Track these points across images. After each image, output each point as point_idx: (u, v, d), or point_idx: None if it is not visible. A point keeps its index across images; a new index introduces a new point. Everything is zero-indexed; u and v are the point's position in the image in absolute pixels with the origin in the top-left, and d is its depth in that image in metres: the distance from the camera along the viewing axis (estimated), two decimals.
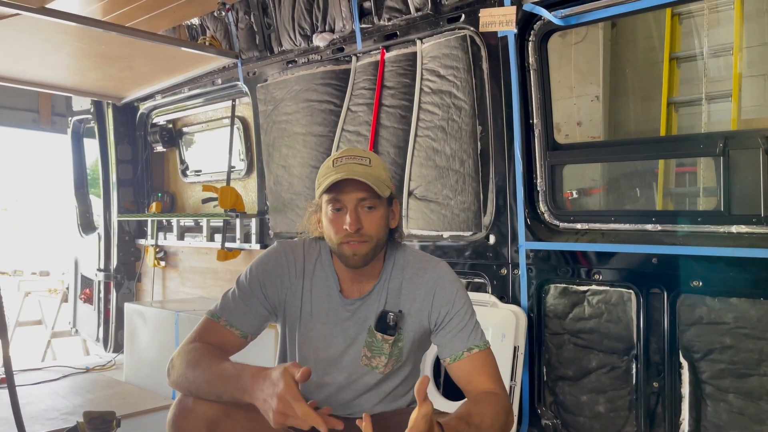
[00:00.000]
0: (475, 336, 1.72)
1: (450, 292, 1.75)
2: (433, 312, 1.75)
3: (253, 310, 1.74)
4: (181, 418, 1.59)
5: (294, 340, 1.82)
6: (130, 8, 3.60)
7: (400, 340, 1.76)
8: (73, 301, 5.93)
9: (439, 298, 1.75)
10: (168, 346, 3.83)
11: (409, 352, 1.80)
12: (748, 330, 2.24)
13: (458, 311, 1.74)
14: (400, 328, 1.75)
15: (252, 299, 1.74)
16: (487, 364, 1.71)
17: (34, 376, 4.33)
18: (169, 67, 4.27)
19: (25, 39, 3.47)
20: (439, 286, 1.76)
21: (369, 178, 1.63)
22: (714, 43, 3.83)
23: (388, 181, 1.71)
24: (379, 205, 1.68)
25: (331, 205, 1.66)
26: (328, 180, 1.64)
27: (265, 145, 4.00)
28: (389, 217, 1.74)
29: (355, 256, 1.66)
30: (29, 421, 3.24)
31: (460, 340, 1.71)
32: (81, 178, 5.88)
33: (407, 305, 1.76)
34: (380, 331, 1.75)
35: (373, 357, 1.76)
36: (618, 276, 2.56)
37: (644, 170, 3.93)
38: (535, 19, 2.71)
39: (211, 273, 4.86)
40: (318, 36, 3.56)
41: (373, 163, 1.69)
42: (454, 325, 1.73)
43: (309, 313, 1.78)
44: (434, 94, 3.09)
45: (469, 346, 1.70)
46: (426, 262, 1.80)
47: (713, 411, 2.33)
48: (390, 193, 1.71)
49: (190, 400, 1.59)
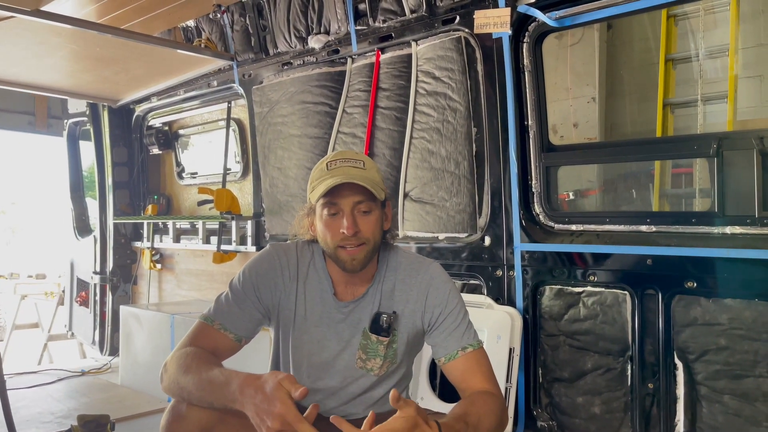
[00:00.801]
0: (469, 335, 1.73)
1: (443, 292, 1.76)
2: (426, 312, 1.76)
3: (247, 314, 1.73)
4: (174, 424, 1.58)
5: (287, 343, 1.81)
6: (125, 11, 3.61)
7: (395, 341, 1.76)
8: (69, 304, 5.92)
9: (432, 298, 1.75)
10: (163, 349, 3.82)
11: (403, 354, 1.80)
12: (743, 331, 2.23)
13: (451, 311, 1.74)
14: (395, 329, 1.75)
15: (245, 302, 1.73)
16: (482, 363, 1.71)
17: (30, 379, 4.32)
18: (165, 69, 4.26)
19: (20, 41, 3.46)
20: (432, 287, 1.76)
21: (366, 181, 1.62)
22: (710, 44, 3.84)
23: (381, 183, 1.72)
24: (375, 208, 1.68)
25: (326, 209, 1.65)
26: (324, 184, 1.62)
27: (261, 147, 4.00)
28: (383, 219, 1.74)
29: (354, 261, 1.66)
30: (24, 425, 3.23)
31: (455, 340, 1.72)
32: (77, 181, 5.87)
33: (401, 306, 1.77)
34: (375, 333, 1.74)
35: (368, 359, 1.76)
36: (613, 277, 2.56)
37: (641, 171, 3.94)
38: (530, 20, 2.71)
39: (207, 275, 4.86)
40: (313, 38, 3.56)
41: (367, 165, 1.69)
42: (448, 324, 1.73)
43: (303, 317, 1.77)
44: (429, 95, 3.09)
45: (463, 345, 1.71)
46: (419, 263, 1.81)
47: (708, 412, 2.33)
48: (384, 196, 1.72)
49: (184, 406, 1.58)
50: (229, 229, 4.34)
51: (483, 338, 2.74)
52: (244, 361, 1.83)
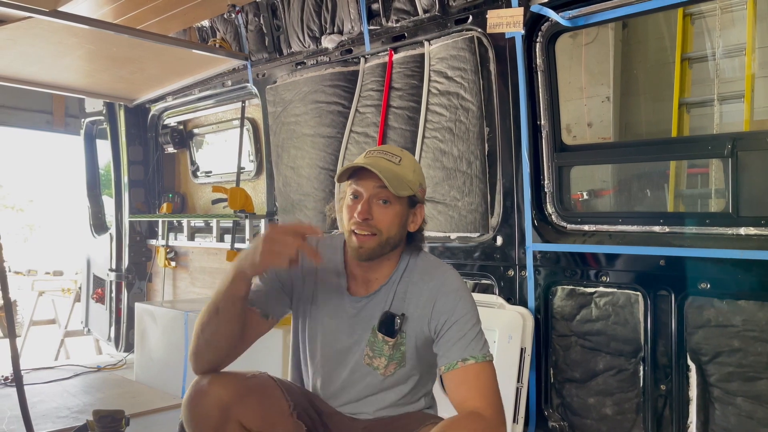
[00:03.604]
0: (475, 347, 1.64)
1: (451, 300, 1.70)
2: (432, 319, 1.72)
3: (272, 290, 1.81)
4: (196, 399, 1.67)
5: (304, 331, 1.87)
6: (141, 11, 3.64)
7: (403, 344, 1.76)
8: (86, 301, 5.98)
9: (440, 305, 1.71)
10: (177, 346, 3.85)
11: (412, 359, 1.78)
12: (756, 333, 2.21)
13: (458, 320, 1.68)
14: (403, 331, 1.75)
15: (270, 282, 1.82)
16: (481, 379, 1.61)
17: (47, 374, 4.37)
18: (180, 69, 4.30)
19: (37, 41, 3.51)
20: (441, 294, 1.72)
21: (387, 173, 1.65)
22: (726, 43, 3.80)
23: (413, 183, 1.72)
24: (396, 202, 1.69)
25: (351, 192, 1.71)
26: (349, 165, 1.70)
27: (274, 146, 4.02)
28: (407, 218, 1.75)
29: (361, 249, 1.69)
30: (41, 419, 3.28)
31: (457, 349, 1.64)
32: (94, 179, 5.94)
33: (411, 310, 1.75)
34: (381, 332, 1.75)
35: (375, 357, 1.77)
36: (625, 278, 2.55)
37: (656, 171, 3.90)
38: (543, 20, 2.71)
39: (220, 273, 4.89)
40: (327, 38, 3.57)
41: (403, 162, 1.72)
42: (453, 333, 1.67)
43: (318, 306, 1.83)
44: (442, 95, 3.09)
45: (465, 356, 1.63)
46: (434, 268, 1.78)
47: (721, 414, 2.31)
48: (413, 195, 1.72)
49: (206, 382, 1.67)
50: (242, 228, 4.37)
51: (494, 338, 2.75)
52: (255, 359, 1.87)
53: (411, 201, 1.74)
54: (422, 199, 1.77)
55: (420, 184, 1.76)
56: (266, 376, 1.82)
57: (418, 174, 1.76)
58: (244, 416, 1.68)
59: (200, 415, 1.65)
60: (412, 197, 1.73)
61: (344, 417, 1.83)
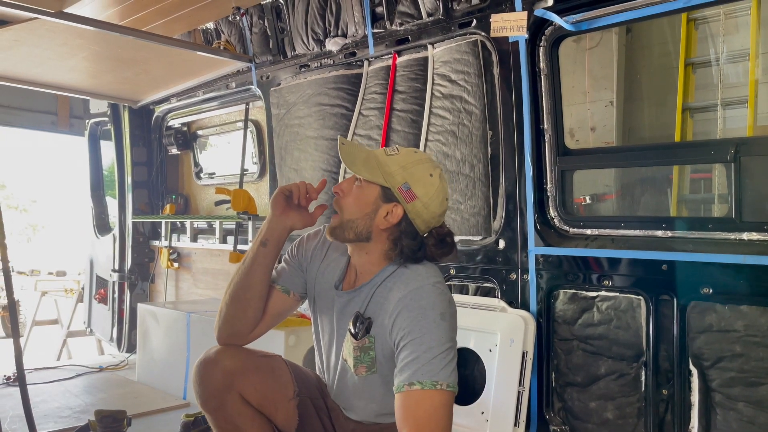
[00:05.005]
0: (426, 372, 1.50)
1: (412, 317, 1.59)
2: (392, 332, 1.64)
3: (292, 268, 1.92)
4: (205, 364, 1.80)
5: (316, 319, 1.95)
6: (146, 12, 3.65)
7: (372, 348, 1.71)
8: (88, 301, 5.99)
9: (400, 320, 1.61)
10: (179, 347, 3.86)
11: (382, 365, 1.71)
12: (758, 338, 2.21)
13: (413, 340, 1.55)
14: (372, 336, 1.70)
15: (291, 261, 1.93)
16: (421, 407, 1.48)
17: (49, 374, 4.38)
18: (184, 70, 4.31)
19: (42, 42, 3.52)
20: (405, 308, 1.61)
21: (359, 155, 1.73)
22: (730, 48, 3.80)
23: (390, 175, 1.67)
24: (365, 186, 1.71)
25: None
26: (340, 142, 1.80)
27: (278, 148, 4.03)
28: (376, 209, 1.69)
29: (328, 227, 1.78)
30: (43, 419, 3.29)
31: (407, 372, 1.53)
32: (97, 180, 5.95)
33: (381, 317, 1.69)
34: (349, 331, 1.76)
35: (347, 355, 1.78)
36: (627, 282, 2.55)
37: (659, 176, 3.90)
38: (546, 24, 2.71)
39: (223, 274, 4.90)
40: (331, 40, 3.58)
41: (394, 156, 1.72)
42: (406, 353, 1.56)
43: (319, 295, 1.89)
44: (445, 98, 3.10)
45: (412, 380, 1.50)
46: (414, 280, 1.67)
47: (723, 419, 2.31)
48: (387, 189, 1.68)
49: (217, 350, 1.81)
50: (245, 229, 4.38)
51: (496, 341, 2.75)
52: None
53: (386, 195, 1.68)
54: (402, 199, 1.67)
55: (404, 183, 1.67)
56: (279, 358, 1.91)
57: (407, 172, 1.67)
58: (246, 389, 1.76)
59: (205, 377, 1.78)
60: (386, 190, 1.68)
61: (341, 413, 1.88)
